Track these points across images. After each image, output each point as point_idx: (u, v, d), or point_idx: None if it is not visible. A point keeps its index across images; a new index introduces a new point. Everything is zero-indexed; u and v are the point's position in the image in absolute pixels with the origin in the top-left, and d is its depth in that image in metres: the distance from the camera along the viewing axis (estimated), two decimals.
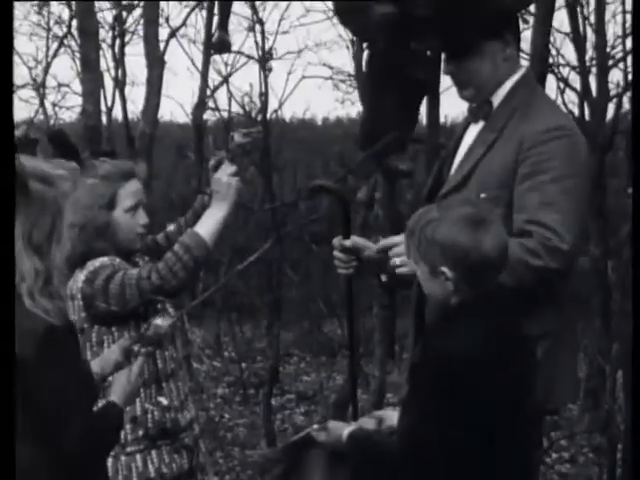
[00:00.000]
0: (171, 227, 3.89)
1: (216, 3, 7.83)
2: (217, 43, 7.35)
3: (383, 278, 3.46)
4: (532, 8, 5.72)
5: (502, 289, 2.76)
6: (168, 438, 3.54)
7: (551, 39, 8.68)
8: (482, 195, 3.15)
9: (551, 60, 8.75)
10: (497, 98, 3.31)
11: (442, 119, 7.06)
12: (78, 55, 9.08)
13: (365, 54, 5.51)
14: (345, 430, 2.88)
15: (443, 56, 3.39)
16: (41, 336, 2.54)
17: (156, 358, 3.52)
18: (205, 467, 3.76)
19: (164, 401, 3.51)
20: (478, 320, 2.69)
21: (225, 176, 3.51)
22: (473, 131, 3.37)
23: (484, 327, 2.68)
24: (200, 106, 9.20)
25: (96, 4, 8.70)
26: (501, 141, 3.22)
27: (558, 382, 3.19)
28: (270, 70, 9.88)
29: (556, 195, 3.06)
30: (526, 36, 6.03)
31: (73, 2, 8.59)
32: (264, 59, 9.76)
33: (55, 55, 10.37)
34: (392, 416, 3.00)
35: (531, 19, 5.90)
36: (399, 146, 4.94)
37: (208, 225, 3.45)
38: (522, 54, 7.04)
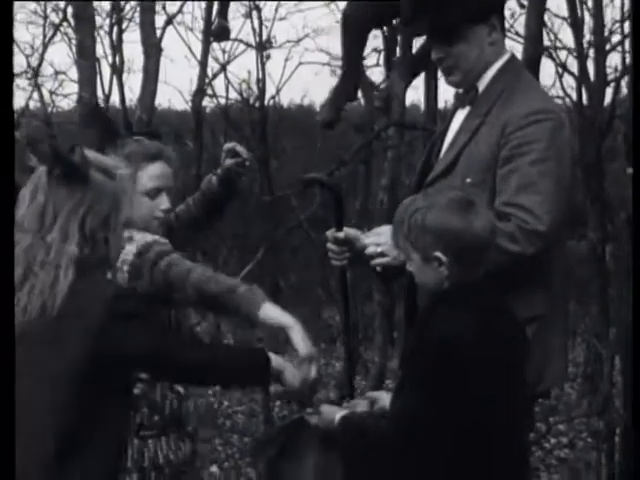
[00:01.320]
0: (181, 207, 3.86)
1: None
2: (217, 31, 7.35)
3: (378, 268, 3.47)
4: None
5: (489, 273, 2.77)
6: (176, 426, 3.54)
7: (549, 23, 8.71)
8: (467, 180, 3.15)
9: (549, 44, 8.74)
10: (482, 83, 3.30)
11: (442, 104, 7.06)
12: (75, 42, 9.06)
13: None
14: (337, 414, 2.89)
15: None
16: (110, 297, 2.65)
17: None
18: (202, 455, 3.77)
19: (181, 389, 3.52)
20: (469, 304, 2.70)
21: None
22: (460, 117, 3.36)
23: (475, 311, 2.70)
24: (199, 93, 9.19)
25: None
26: (485, 126, 3.21)
27: (548, 364, 3.19)
28: (268, 58, 9.87)
29: (535, 177, 3.06)
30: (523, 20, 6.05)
31: None
32: (262, 46, 9.74)
33: (49, 42, 10.34)
34: (385, 398, 3.01)
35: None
36: None
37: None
38: (517, 37, 7.09)
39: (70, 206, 2.69)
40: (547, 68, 8.74)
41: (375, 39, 9.68)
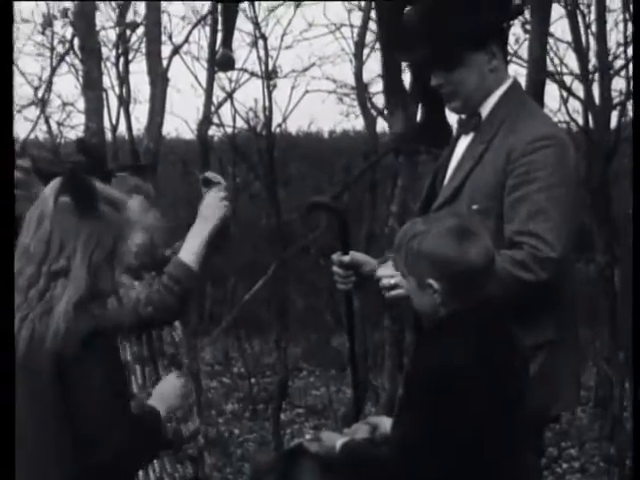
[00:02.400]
0: (178, 243, 3.90)
1: (219, 20, 7.85)
2: (221, 61, 7.37)
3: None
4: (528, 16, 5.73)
5: (495, 300, 2.77)
6: (170, 448, 3.54)
7: (554, 48, 8.74)
8: (474, 207, 3.16)
9: (554, 69, 8.77)
10: (485, 110, 3.32)
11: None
12: (81, 73, 9.10)
13: None
14: (338, 441, 2.88)
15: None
16: (84, 337, 2.59)
17: (159, 370, 3.54)
18: (210, 479, 3.77)
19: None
20: (466, 331, 2.70)
21: (216, 200, 3.52)
22: (463, 143, 3.38)
23: (472, 338, 2.69)
24: (205, 122, 9.21)
25: (99, 22, 8.77)
26: (490, 153, 3.23)
27: (559, 390, 3.19)
28: (275, 87, 9.89)
29: (544, 204, 3.07)
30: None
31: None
32: (268, 75, 9.78)
33: (54, 72, 10.38)
34: (386, 423, 3.00)
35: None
36: None
37: (192, 249, 3.47)
38: (522, 62, 7.09)
39: (80, 238, 2.68)
40: (552, 92, 8.78)
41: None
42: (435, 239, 2.68)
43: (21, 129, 10.01)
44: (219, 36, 8.01)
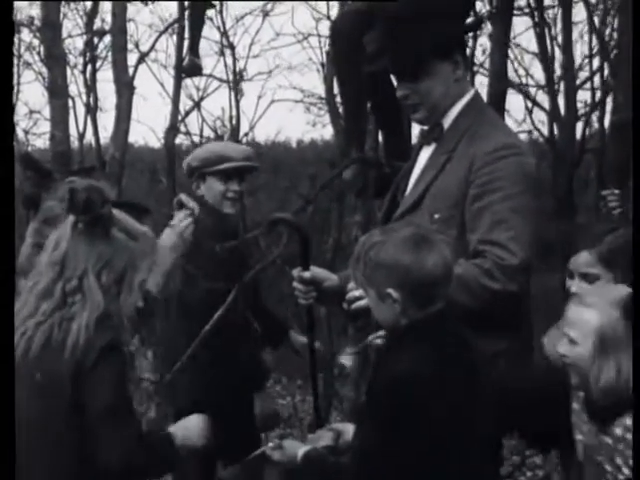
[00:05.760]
0: None
1: (186, 28, 7.87)
2: (188, 67, 7.41)
3: (345, 307, 3.48)
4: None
5: (455, 309, 2.78)
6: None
7: (519, 58, 8.82)
8: (435, 216, 3.17)
9: (519, 80, 8.84)
10: (447, 120, 3.33)
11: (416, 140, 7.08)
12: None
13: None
14: (300, 450, 2.87)
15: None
16: (102, 348, 2.70)
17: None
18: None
19: None
20: (426, 341, 2.70)
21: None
22: (425, 154, 3.39)
23: (432, 347, 2.69)
24: (171, 130, 9.20)
25: (66, 30, 8.75)
26: (452, 163, 3.24)
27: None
28: (241, 93, 9.89)
29: (506, 213, 3.08)
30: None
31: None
32: (235, 82, 9.78)
33: (19, 80, 10.36)
34: (351, 430, 2.97)
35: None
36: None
37: None
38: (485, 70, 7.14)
39: (91, 260, 2.81)
40: (518, 103, 8.83)
41: None
42: (392, 248, 2.68)
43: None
44: (186, 43, 8.03)
